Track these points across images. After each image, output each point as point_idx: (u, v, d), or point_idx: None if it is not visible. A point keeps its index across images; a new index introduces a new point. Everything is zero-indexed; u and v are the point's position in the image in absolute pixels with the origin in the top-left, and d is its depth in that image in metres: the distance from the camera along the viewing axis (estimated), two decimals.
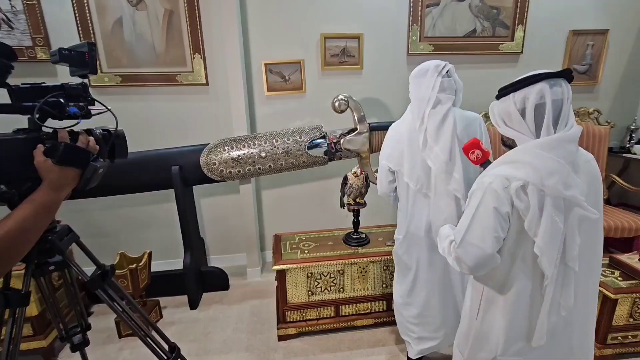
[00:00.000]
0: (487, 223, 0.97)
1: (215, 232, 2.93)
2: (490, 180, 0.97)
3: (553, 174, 0.90)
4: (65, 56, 0.84)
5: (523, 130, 0.97)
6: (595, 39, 2.93)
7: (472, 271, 1.03)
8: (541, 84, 0.94)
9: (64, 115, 0.83)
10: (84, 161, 0.81)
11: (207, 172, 2.27)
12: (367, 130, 2.39)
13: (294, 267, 2.00)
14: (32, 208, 0.72)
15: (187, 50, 2.52)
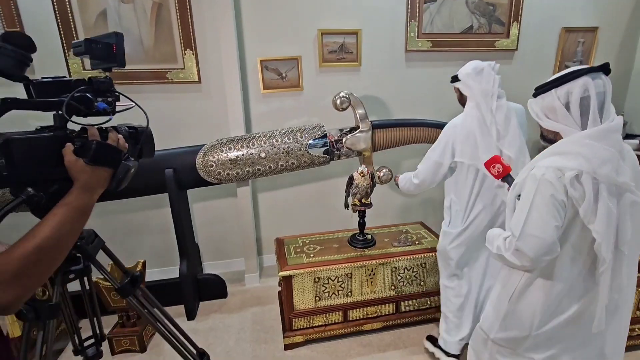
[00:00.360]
0: (546, 213, 0.98)
1: (209, 237, 2.80)
2: (543, 172, 0.99)
3: (606, 162, 0.94)
4: (91, 48, 0.79)
5: (569, 123, 1.01)
6: (585, 36, 2.98)
7: (533, 263, 1.01)
8: (584, 78, 0.99)
9: (91, 111, 0.78)
10: (116, 160, 0.77)
11: (203, 175, 2.14)
12: (369, 128, 2.33)
13: (301, 272, 1.91)
14: (67, 212, 0.67)
15: (178, 46, 2.38)
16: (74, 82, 0.78)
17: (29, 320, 0.87)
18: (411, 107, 2.82)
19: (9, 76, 0.71)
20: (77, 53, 0.82)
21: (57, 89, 0.77)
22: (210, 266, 2.85)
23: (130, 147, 0.84)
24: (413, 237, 2.24)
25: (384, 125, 2.39)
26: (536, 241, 0.99)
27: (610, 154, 0.95)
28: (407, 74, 2.77)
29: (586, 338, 1.10)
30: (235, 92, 2.40)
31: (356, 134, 2.32)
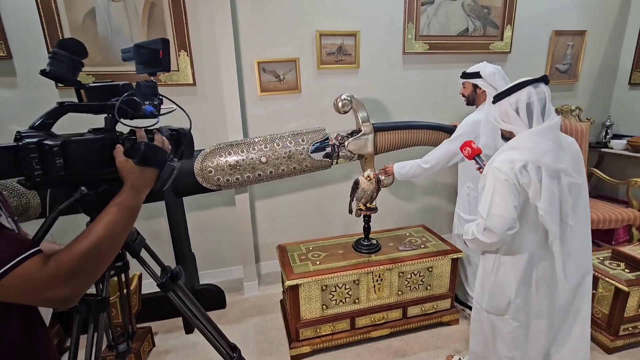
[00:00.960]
0: (505, 196, 1.22)
1: (205, 245, 2.70)
2: (499, 165, 1.24)
3: (547, 153, 1.20)
4: (139, 53, 0.83)
5: (519, 124, 1.25)
6: (574, 39, 3.06)
7: (500, 238, 1.24)
8: (528, 88, 1.23)
9: (139, 114, 0.81)
10: (162, 161, 0.80)
11: (202, 181, 2.05)
12: (371, 131, 2.30)
13: (308, 281, 1.85)
14: (119, 212, 0.71)
15: (172, 47, 2.28)
16: (121, 87, 0.82)
17: (81, 313, 0.90)
18: (409, 110, 2.81)
19: (64, 81, 0.77)
20: (126, 58, 0.86)
21: (106, 93, 0.80)
22: (206, 275, 2.75)
23: (172, 148, 0.89)
24: (417, 240, 2.22)
25: (386, 128, 2.36)
26: (500, 219, 1.22)
27: (550, 146, 1.20)
28: (404, 76, 2.76)
29: (554, 305, 1.37)
30: (232, 95, 2.32)
31: (358, 137, 2.29)
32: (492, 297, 1.41)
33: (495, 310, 1.41)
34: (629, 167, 3.23)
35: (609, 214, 2.67)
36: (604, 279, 1.91)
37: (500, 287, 1.38)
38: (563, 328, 1.45)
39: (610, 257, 2.10)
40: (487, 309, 1.44)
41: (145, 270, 1.06)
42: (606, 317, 1.94)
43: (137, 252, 1.00)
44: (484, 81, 1.90)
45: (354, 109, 2.28)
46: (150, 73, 0.87)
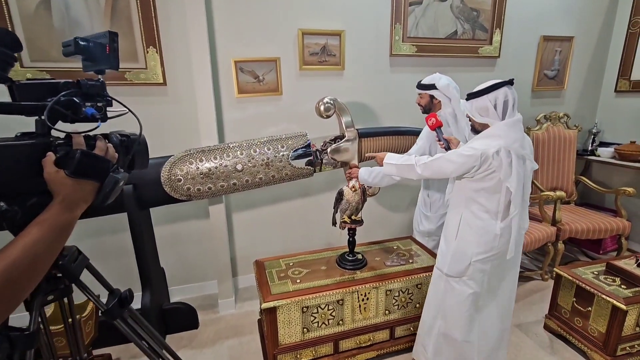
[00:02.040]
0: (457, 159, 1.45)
1: (176, 258, 2.48)
2: (474, 145, 1.44)
3: (516, 141, 1.41)
4: (82, 48, 0.74)
5: (495, 118, 1.43)
6: (562, 45, 3.00)
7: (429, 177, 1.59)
8: (505, 88, 1.42)
9: (78, 117, 0.72)
10: (103, 172, 0.70)
11: (169, 191, 1.85)
12: (355, 137, 2.14)
13: (287, 303, 1.67)
14: (43, 231, 0.61)
15: (139, 43, 2.08)
16: (62, 85, 0.72)
17: (1, 351, 0.77)
18: (396, 114, 2.68)
19: None
20: (67, 53, 0.75)
21: (43, 92, 0.70)
22: (178, 291, 2.53)
23: (120, 157, 0.78)
24: (405, 254, 2.08)
25: (371, 134, 2.22)
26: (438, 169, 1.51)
27: (518, 136, 1.43)
28: (391, 80, 2.63)
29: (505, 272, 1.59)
30: (207, 96, 2.13)
31: (341, 144, 2.13)
32: (453, 261, 1.57)
33: (455, 272, 1.57)
34: (616, 175, 3.20)
35: (599, 224, 2.61)
36: (601, 296, 1.81)
37: (463, 248, 1.55)
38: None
39: (605, 272, 2.01)
40: (447, 272, 1.59)
41: (87, 296, 0.93)
42: (602, 336, 1.84)
43: (76, 275, 0.87)
44: (439, 92, 1.95)
45: (337, 113, 2.13)
46: (97, 71, 0.78)
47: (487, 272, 1.54)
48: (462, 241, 1.55)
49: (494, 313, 1.63)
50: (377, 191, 2.14)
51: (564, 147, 3.02)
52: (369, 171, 1.92)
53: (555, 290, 2.10)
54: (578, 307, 1.95)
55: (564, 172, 3.03)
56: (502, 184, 1.42)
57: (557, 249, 2.63)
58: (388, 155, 1.67)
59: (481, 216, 1.50)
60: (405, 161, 1.59)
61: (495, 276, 1.57)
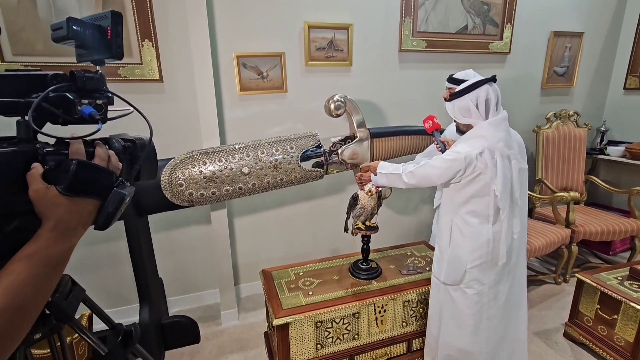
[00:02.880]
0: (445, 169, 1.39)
1: (175, 267, 2.33)
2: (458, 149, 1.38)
3: (500, 140, 1.36)
4: (76, 32, 0.60)
5: (478, 117, 1.39)
6: (572, 42, 2.92)
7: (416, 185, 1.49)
8: (486, 86, 1.37)
9: (72, 117, 0.58)
10: (106, 187, 0.56)
11: (170, 196, 1.70)
12: (367, 137, 2.02)
13: (301, 318, 1.54)
14: (31, 267, 0.47)
15: (133, 36, 1.91)
16: (51, 78, 0.58)
17: None
18: (405, 113, 2.56)
19: None
20: (57, 38, 0.61)
21: (25, 86, 0.56)
22: (178, 301, 2.38)
23: (125, 168, 0.64)
24: (421, 261, 1.97)
25: (383, 134, 2.10)
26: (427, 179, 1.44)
27: (503, 135, 1.37)
28: (401, 76, 2.51)
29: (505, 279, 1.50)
30: (207, 93, 1.98)
31: (353, 144, 2.01)
32: (449, 268, 1.51)
33: (452, 280, 1.51)
34: (625, 175, 3.14)
35: (613, 225, 2.53)
36: (629, 304, 1.72)
37: (457, 256, 1.49)
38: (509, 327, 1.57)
39: (629, 277, 1.93)
40: (444, 280, 1.54)
41: (83, 338, 0.80)
42: (630, 346, 1.75)
43: (70, 314, 0.73)
44: None
45: (348, 112, 2.00)
46: (94, 61, 0.64)
47: (484, 279, 1.48)
48: (455, 248, 1.49)
49: (501, 322, 1.55)
50: (389, 194, 2.02)
51: (574, 146, 2.95)
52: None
53: (577, 297, 2.01)
54: (602, 315, 1.86)
55: (574, 171, 2.96)
56: (489, 186, 1.37)
57: (571, 252, 2.55)
58: (381, 164, 1.61)
59: (471, 221, 1.45)
60: (394, 170, 1.53)
61: (496, 283, 1.49)
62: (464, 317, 1.51)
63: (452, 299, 1.53)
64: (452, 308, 1.54)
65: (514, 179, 1.40)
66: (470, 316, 1.50)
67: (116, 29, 0.62)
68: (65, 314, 0.71)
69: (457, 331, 1.54)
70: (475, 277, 1.47)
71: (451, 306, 1.54)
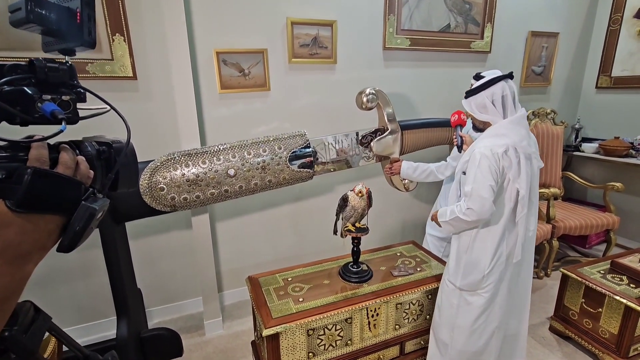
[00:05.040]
0: (486, 178, 1.32)
1: (154, 276, 2.20)
2: (481, 151, 1.34)
3: (523, 139, 1.35)
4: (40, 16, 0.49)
5: (495, 114, 1.39)
6: (548, 41, 3.00)
7: (479, 217, 1.35)
8: (501, 82, 1.37)
9: (32, 116, 0.48)
10: (71, 200, 0.47)
11: (150, 201, 1.58)
12: (398, 129, 2.06)
13: (292, 327, 1.47)
14: None
15: (103, 29, 1.78)
16: (7, 69, 0.50)
17: None
18: None
19: None
20: (16, 22, 0.50)
21: None
22: (159, 312, 2.25)
23: (98, 176, 0.55)
24: (411, 262, 1.94)
25: (411, 127, 2.14)
26: (481, 199, 1.32)
27: (524, 133, 1.37)
28: (385, 74, 2.48)
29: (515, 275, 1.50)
30: (185, 91, 1.86)
31: (386, 136, 2.04)
32: (467, 274, 1.48)
33: (469, 286, 1.48)
34: (598, 170, 3.25)
35: (591, 219, 2.61)
36: (613, 297, 1.76)
37: (475, 262, 1.46)
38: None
39: (610, 270, 1.98)
40: (460, 286, 1.50)
41: None
42: (614, 338, 1.80)
43: (33, 349, 0.59)
44: None
45: (379, 105, 2.03)
46: (63, 50, 0.55)
47: (499, 279, 1.47)
48: (475, 252, 1.46)
49: (511, 320, 1.56)
50: (415, 186, 2.16)
51: (552, 144, 3.02)
52: (413, 166, 1.99)
53: (562, 291, 2.04)
54: (587, 309, 1.90)
55: (552, 168, 3.03)
56: (511, 184, 1.36)
57: (552, 247, 2.61)
58: (440, 212, 1.52)
59: (493, 223, 1.42)
60: (452, 214, 1.43)
61: (508, 281, 1.49)
62: (480, 321, 1.49)
63: (468, 304, 1.50)
64: (468, 314, 1.50)
65: (534, 177, 1.41)
66: (488, 321, 1.49)
67: (87, 11, 0.53)
68: (26, 350, 0.59)
69: (473, 337, 1.52)
70: (493, 280, 1.46)
71: (467, 313, 1.50)
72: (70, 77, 0.54)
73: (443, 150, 2.67)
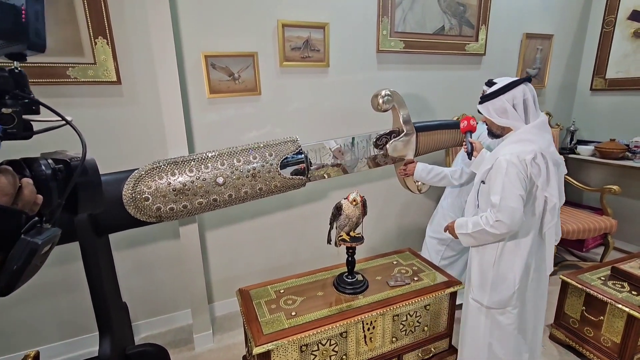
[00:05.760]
0: (515, 187, 1.26)
1: (141, 289, 2.11)
2: (508, 158, 1.27)
3: (549, 145, 1.30)
4: None
5: (516, 119, 1.32)
6: (543, 44, 2.97)
7: (510, 229, 1.28)
8: (522, 86, 1.31)
9: None
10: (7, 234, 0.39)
11: (135, 212, 1.50)
12: (413, 131, 2.04)
13: (284, 343, 1.40)
14: None
15: (85, 32, 1.70)
16: None
17: None
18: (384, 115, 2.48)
19: None
20: None
21: None
22: (144, 326, 2.16)
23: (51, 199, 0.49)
24: (408, 271, 1.88)
25: (426, 128, 2.12)
26: (511, 211, 1.26)
27: (549, 138, 1.31)
28: (379, 77, 2.42)
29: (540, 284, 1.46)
30: (172, 96, 1.79)
31: (401, 138, 2.02)
32: (494, 291, 1.42)
33: (497, 304, 1.43)
34: (594, 173, 3.23)
35: (589, 223, 2.58)
36: (615, 305, 1.71)
37: (503, 277, 1.40)
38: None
39: (610, 277, 1.94)
40: (488, 304, 1.44)
41: None
42: (617, 347, 1.75)
43: None
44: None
45: (395, 107, 2.00)
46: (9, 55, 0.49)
47: (527, 292, 1.44)
48: (503, 266, 1.40)
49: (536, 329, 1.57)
50: (427, 189, 2.15)
51: None
52: (427, 169, 1.99)
53: (562, 299, 2.00)
54: (588, 316, 1.86)
55: None
56: (538, 193, 1.30)
57: None
58: (457, 224, 1.48)
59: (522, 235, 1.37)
60: (475, 227, 1.37)
61: (533, 292, 1.46)
62: (512, 339, 1.46)
63: (498, 323, 1.45)
64: (500, 334, 1.46)
65: (561, 184, 1.36)
66: (519, 336, 1.46)
67: (35, 8, 0.46)
68: None
69: (507, 353, 1.49)
70: (522, 294, 1.42)
71: (499, 332, 1.46)
72: (17, 86, 0.47)
73: (439, 155, 2.62)
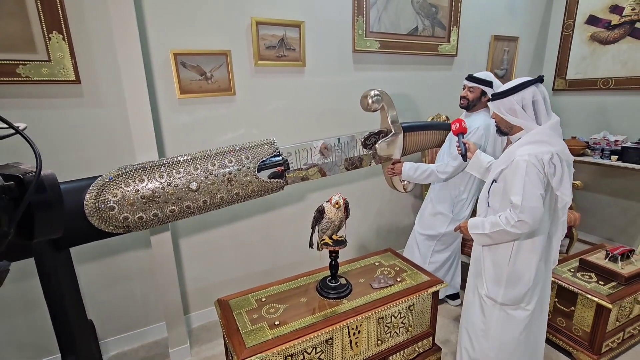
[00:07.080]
0: (535, 187, 1.27)
1: (111, 304, 1.96)
2: (526, 158, 1.29)
3: (564, 146, 1.32)
4: None
5: (527, 119, 1.33)
6: (509, 45, 3.08)
7: (531, 228, 1.30)
8: (532, 87, 1.32)
9: None
10: None
11: (98, 223, 1.37)
12: (401, 131, 2.02)
13: (268, 355, 1.33)
14: None
15: (36, 25, 1.54)
16: None
17: None
18: (362, 116, 2.46)
19: None
20: None
21: None
22: (115, 343, 2.01)
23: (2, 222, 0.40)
24: (390, 272, 1.87)
25: (414, 128, 2.11)
26: (534, 210, 1.27)
27: (562, 140, 1.34)
28: (355, 78, 2.40)
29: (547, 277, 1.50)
30: (139, 97, 1.67)
31: (389, 138, 1.99)
32: (509, 288, 1.44)
33: (512, 300, 1.44)
34: None
35: None
36: (585, 295, 1.79)
37: (518, 275, 1.42)
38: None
39: (579, 268, 2.03)
40: (502, 301, 1.46)
41: None
42: (587, 335, 1.83)
43: None
44: (493, 91, 1.88)
45: (384, 107, 1.98)
46: None
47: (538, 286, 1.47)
48: (519, 264, 1.42)
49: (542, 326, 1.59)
50: (413, 187, 2.17)
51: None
52: (414, 167, 2.02)
53: None
54: (561, 307, 1.93)
55: None
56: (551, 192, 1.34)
57: None
58: (471, 223, 1.49)
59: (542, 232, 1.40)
60: (493, 227, 1.38)
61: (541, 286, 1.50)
62: (524, 335, 1.48)
63: (511, 319, 1.47)
64: (513, 330, 1.48)
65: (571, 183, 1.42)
66: (531, 332, 1.49)
67: None
68: None
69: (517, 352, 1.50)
70: (536, 291, 1.44)
71: (512, 328, 1.47)
72: None
73: (415, 155, 2.64)
